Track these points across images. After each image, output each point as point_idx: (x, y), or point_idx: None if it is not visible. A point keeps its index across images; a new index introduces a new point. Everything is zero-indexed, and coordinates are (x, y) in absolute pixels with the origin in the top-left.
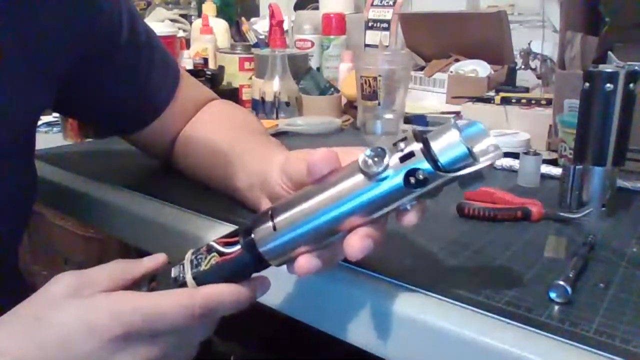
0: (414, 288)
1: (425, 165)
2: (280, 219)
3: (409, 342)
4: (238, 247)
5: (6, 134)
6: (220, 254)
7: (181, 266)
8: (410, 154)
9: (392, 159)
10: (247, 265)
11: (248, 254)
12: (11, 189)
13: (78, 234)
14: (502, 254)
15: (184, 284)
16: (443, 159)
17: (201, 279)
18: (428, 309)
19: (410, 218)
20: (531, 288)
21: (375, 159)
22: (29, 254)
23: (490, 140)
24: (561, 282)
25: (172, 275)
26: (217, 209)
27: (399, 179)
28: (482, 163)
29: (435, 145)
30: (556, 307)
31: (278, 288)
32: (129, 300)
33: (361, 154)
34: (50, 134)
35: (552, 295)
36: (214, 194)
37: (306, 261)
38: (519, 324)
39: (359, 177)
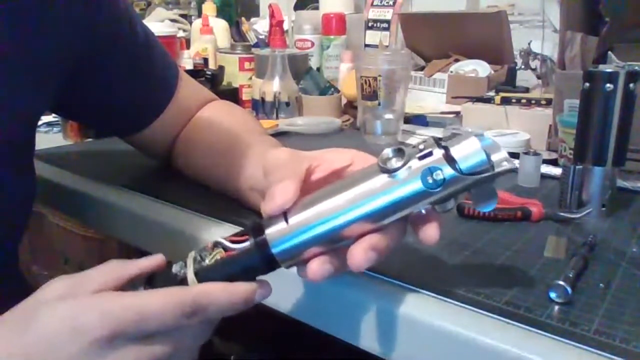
0: (413, 288)
1: (445, 166)
2: (295, 219)
3: (408, 341)
4: (247, 244)
5: (6, 134)
6: (227, 249)
7: (183, 262)
8: (430, 153)
9: (412, 159)
10: (255, 264)
11: (258, 253)
12: (11, 189)
13: (78, 234)
14: (502, 254)
15: (184, 280)
16: (462, 164)
17: (203, 276)
18: (428, 309)
19: (431, 234)
20: (531, 288)
21: (395, 157)
22: (29, 254)
23: (504, 153)
24: (561, 282)
25: (173, 271)
26: (217, 209)
27: (417, 178)
28: (498, 171)
29: (455, 150)
30: (556, 307)
31: (279, 288)
32: (116, 299)
33: (382, 153)
34: (50, 134)
35: (552, 295)
36: (214, 194)
37: (319, 267)
38: (519, 324)
39: (377, 176)
